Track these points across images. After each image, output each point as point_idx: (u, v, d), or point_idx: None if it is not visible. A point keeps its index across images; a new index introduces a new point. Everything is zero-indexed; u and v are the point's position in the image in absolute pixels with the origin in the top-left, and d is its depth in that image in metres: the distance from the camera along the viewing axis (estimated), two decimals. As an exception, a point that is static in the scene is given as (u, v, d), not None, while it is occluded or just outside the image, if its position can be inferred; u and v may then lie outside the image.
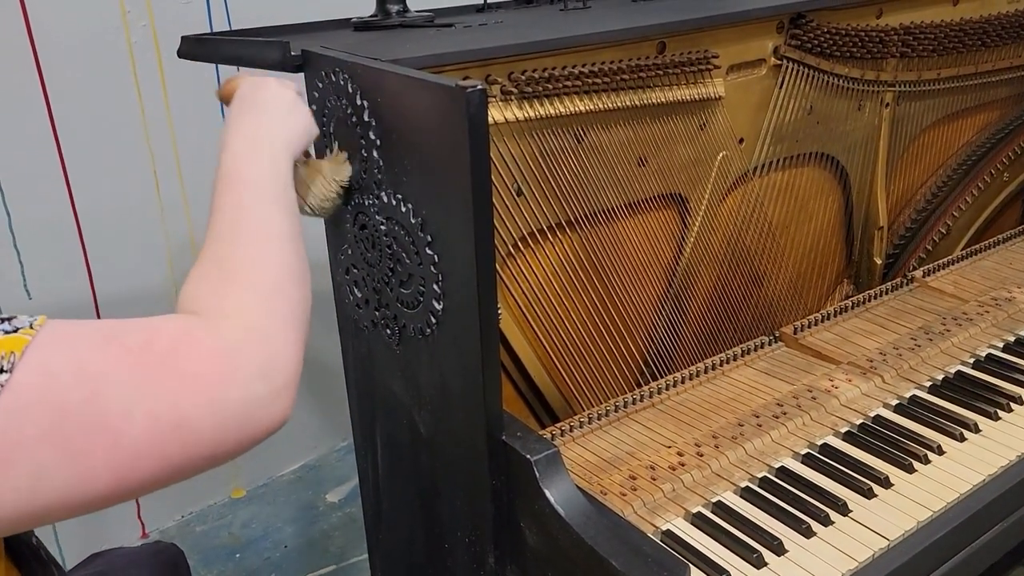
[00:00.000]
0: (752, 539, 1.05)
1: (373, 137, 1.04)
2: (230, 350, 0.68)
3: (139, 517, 2.25)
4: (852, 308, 1.57)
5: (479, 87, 0.86)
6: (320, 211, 1.07)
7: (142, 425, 0.62)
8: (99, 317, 2.03)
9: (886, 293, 1.62)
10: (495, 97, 1.12)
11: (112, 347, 0.64)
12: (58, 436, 0.59)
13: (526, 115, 1.15)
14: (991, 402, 1.29)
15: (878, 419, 1.27)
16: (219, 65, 2.02)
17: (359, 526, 1.50)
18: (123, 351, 0.64)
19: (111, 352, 0.63)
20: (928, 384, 1.35)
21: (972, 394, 1.32)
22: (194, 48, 1.31)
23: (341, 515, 2.35)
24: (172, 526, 2.32)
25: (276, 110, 0.91)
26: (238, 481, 2.43)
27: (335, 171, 1.08)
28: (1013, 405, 1.30)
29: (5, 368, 0.57)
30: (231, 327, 0.70)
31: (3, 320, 0.61)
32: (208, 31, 2.01)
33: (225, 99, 0.99)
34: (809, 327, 1.51)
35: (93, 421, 0.60)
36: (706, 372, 1.39)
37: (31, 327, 0.61)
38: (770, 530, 1.06)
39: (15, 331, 0.60)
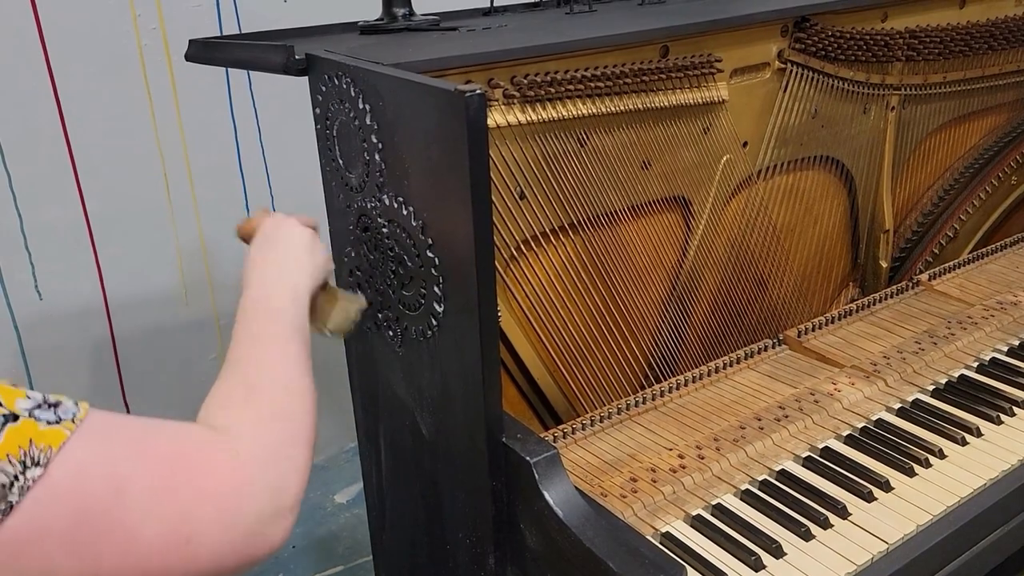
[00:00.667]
0: (751, 542, 1.05)
1: (375, 140, 1.05)
2: (246, 468, 0.72)
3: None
4: (857, 312, 1.56)
5: (478, 91, 0.86)
6: (339, 334, 1.12)
7: (154, 533, 0.65)
8: (109, 318, 2.06)
9: (891, 297, 1.62)
10: (497, 101, 1.12)
11: (143, 452, 0.67)
12: (75, 537, 0.62)
13: (529, 119, 1.15)
14: (993, 406, 1.29)
15: (880, 422, 1.27)
16: (229, 69, 2.05)
17: (367, 527, 1.51)
18: (152, 459, 0.67)
19: (141, 458, 0.66)
20: (931, 388, 1.35)
21: (975, 398, 1.32)
22: (201, 51, 1.32)
23: (349, 516, 2.36)
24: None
25: (296, 249, 0.99)
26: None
27: (352, 299, 1.12)
28: (1016, 409, 1.29)
29: (41, 462, 0.60)
30: (249, 446, 0.74)
31: (50, 406, 0.63)
32: (218, 34, 2.02)
33: (245, 237, 1.06)
34: (813, 330, 1.51)
35: (110, 527, 0.63)
36: (709, 375, 1.39)
37: (73, 420, 0.63)
38: (769, 533, 1.06)
39: (58, 422, 0.62)
